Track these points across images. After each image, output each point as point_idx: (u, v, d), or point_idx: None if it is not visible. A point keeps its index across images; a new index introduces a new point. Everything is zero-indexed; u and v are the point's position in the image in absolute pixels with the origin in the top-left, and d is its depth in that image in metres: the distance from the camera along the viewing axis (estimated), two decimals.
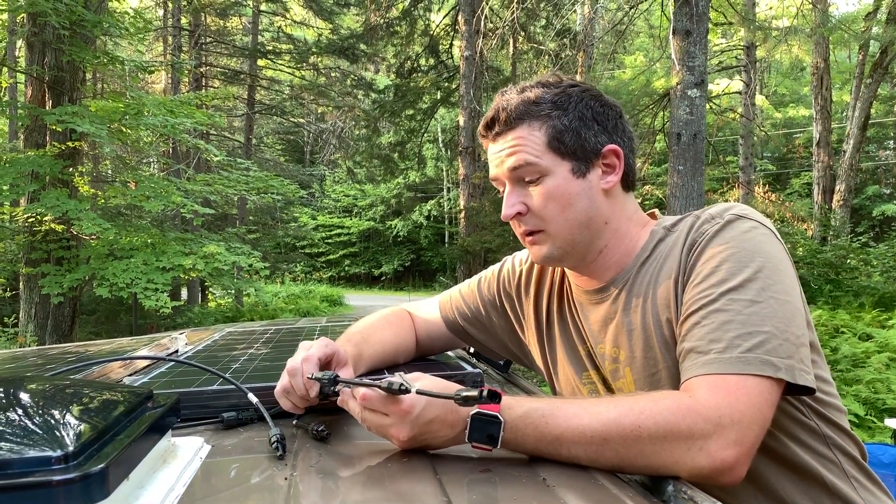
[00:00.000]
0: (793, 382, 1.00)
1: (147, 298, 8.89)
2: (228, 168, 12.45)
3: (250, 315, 16.57)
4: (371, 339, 1.38)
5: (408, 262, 32.25)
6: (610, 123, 1.24)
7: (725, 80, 17.84)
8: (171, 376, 1.35)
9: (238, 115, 20.94)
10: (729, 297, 1.05)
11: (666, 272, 1.18)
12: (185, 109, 9.93)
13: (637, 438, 0.93)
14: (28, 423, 0.77)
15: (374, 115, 17.99)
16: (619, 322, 1.23)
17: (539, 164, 1.20)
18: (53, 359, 1.92)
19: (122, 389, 0.98)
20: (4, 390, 0.90)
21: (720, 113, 12.96)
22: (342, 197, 33.29)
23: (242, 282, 12.31)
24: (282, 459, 0.95)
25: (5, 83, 12.68)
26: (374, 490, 0.88)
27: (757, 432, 0.96)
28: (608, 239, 1.24)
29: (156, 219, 13.21)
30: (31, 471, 0.63)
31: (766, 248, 1.10)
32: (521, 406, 0.98)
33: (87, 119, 8.48)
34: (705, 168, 8.25)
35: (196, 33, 18.19)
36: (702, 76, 7.41)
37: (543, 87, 1.23)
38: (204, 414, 1.17)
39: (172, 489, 0.82)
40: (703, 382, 1.00)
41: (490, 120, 1.25)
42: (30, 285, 9.68)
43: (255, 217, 21.29)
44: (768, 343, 1.00)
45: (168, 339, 2.06)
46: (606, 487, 0.87)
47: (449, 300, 1.58)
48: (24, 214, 9.16)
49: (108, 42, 12.94)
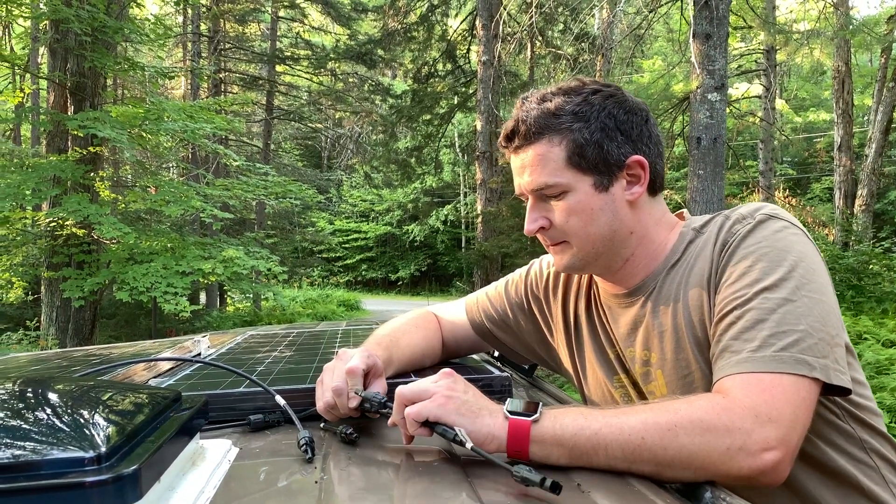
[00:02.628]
0: (828, 382, 0.97)
1: (167, 302, 8.95)
2: (247, 173, 12.53)
3: (268, 319, 16.63)
4: (400, 343, 1.36)
5: (424, 266, 32.24)
6: (635, 131, 1.21)
7: (745, 85, 17.68)
8: (197, 378, 1.35)
9: (256, 120, 21.05)
10: (763, 296, 1.03)
11: (697, 273, 1.16)
12: (205, 115, 10.02)
13: (675, 436, 0.90)
14: (59, 424, 0.76)
15: (391, 121, 18.03)
16: (648, 325, 1.21)
17: (559, 182, 1.18)
18: (78, 361, 1.92)
19: (151, 391, 0.97)
20: (35, 391, 0.90)
21: (740, 117, 12.87)
22: (359, 202, 33.35)
23: (261, 286, 12.37)
24: (311, 462, 0.94)
25: (28, 89, 12.86)
26: (406, 493, 0.87)
27: (800, 432, 0.93)
28: (634, 247, 1.23)
29: (175, 223, 13.30)
30: (63, 472, 0.63)
31: (799, 247, 1.08)
32: (562, 406, 0.99)
33: (108, 124, 8.57)
34: (725, 172, 8.18)
35: (215, 39, 18.33)
36: (722, 80, 7.35)
37: (564, 96, 1.20)
38: (231, 416, 1.17)
39: (203, 492, 0.81)
40: (736, 381, 0.97)
41: (510, 132, 1.22)
42: (51, 289, 9.78)
43: (273, 222, 21.38)
44: (803, 342, 0.98)
45: (190, 341, 2.05)
46: (643, 493, 0.85)
47: (476, 303, 1.56)
48: (46, 219, 9.26)
49: (128, 48, 13.07)
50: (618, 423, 0.92)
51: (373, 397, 1.05)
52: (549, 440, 0.92)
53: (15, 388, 0.92)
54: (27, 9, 9.55)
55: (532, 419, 0.93)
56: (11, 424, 0.76)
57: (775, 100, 17.38)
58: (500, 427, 0.94)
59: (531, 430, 0.93)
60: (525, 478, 0.81)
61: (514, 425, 0.93)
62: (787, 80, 25.45)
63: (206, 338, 2.11)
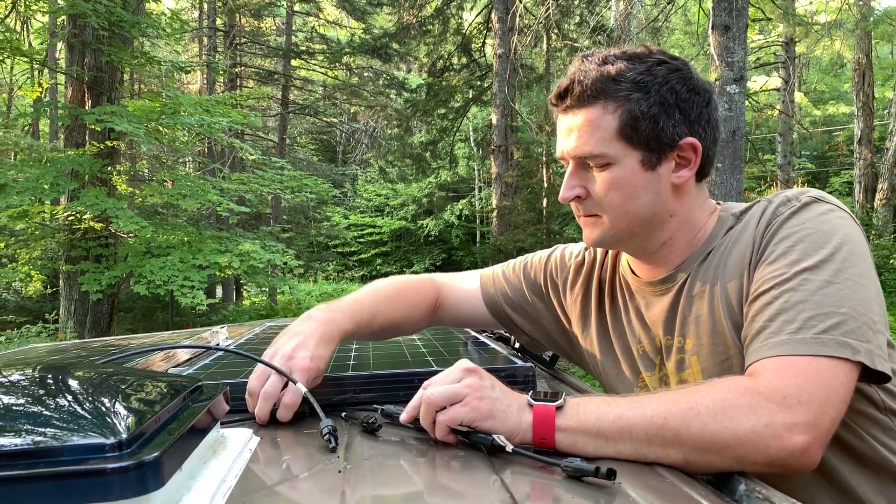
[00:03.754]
0: (871, 367, 0.94)
1: (183, 296, 8.99)
2: (263, 167, 12.55)
3: (284, 313, 16.69)
4: (376, 319, 1.32)
5: (439, 261, 32.23)
6: (694, 112, 1.14)
7: (764, 77, 17.52)
8: (216, 368, 1.34)
9: (272, 114, 21.11)
10: (804, 276, 0.99)
11: (736, 256, 1.12)
12: (221, 109, 10.04)
13: (696, 415, 0.88)
14: (80, 411, 0.75)
15: (406, 115, 17.99)
16: (685, 310, 1.17)
17: (606, 153, 1.12)
18: (97, 351, 1.92)
19: (173, 379, 0.96)
20: (56, 378, 0.89)
21: (759, 110, 12.75)
22: (374, 196, 33.38)
23: (277, 280, 12.40)
24: (334, 451, 0.92)
25: (46, 84, 12.95)
26: (431, 481, 0.85)
27: (832, 416, 0.90)
28: (674, 231, 1.18)
29: (192, 217, 13.36)
30: (85, 458, 0.61)
31: (845, 230, 1.04)
32: (583, 395, 0.97)
33: (125, 118, 8.61)
34: (744, 166, 8.10)
35: (231, 34, 18.38)
36: (741, 72, 7.27)
37: (628, 62, 1.13)
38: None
39: (224, 480, 0.79)
40: (768, 365, 0.94)
41: (564, 90, 1.15)
42: (70, 283, 9.86)
43: (288, 216, 21.45)
44: (846, 325, 0.94)
45: (209, 332, 2.05)
46: (674, 483, 0.82)
47: (491, 277, 1.51)
48: (65, 213, 9.33)
49: (145, 43, 13.13)
50: (640, 407, 0.91)
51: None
52: (574, 426, 0.90)
53: (37, 375, 0.91)
54: (45, 4, 9.62)
55: (556, 405, 0.92)
56: (33, 411, 0.75)
57: (794, 92, 17.20)
58: (526, 420, 0.92)
59: (556, 419, 0.91)
60: (578, 468, 0.79)
61: (539, 412, 0.92)
62: (806, 73, 25.16)
63: (224, 329, 2.11)
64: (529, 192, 14.94)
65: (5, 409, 0.75)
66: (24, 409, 0.75)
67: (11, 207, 9.11)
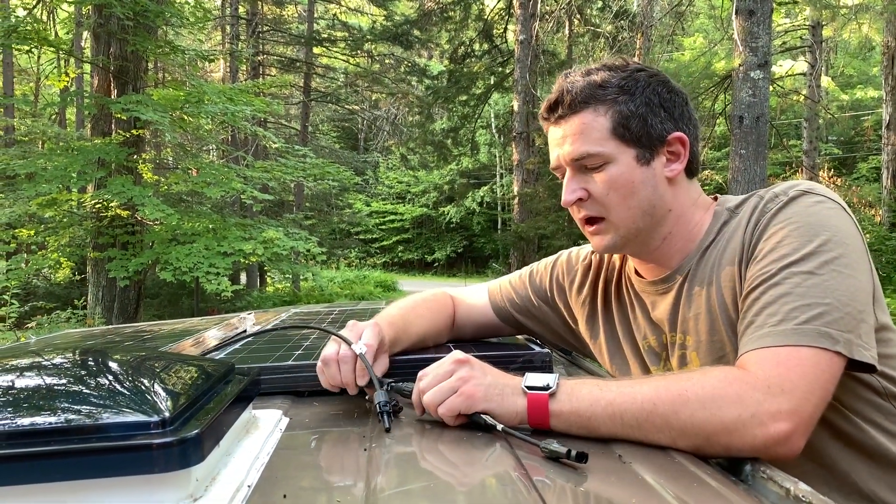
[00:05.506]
0: (850, 357, 0.97)
1: (209, 282, 9.13)
2: (286, 155, 12.65)
3: (307, 299, 16.85)
4: (410, 326, 1.36)
5: (460, 248, 32.26)
6: (676, 110, 1.22)
7: (789, 62, 17.26)
8: (246, 352, 1.39)
9: (294, 102, 21.21)
10: (789, 270, 1.03)
11: (729, 254, 1.16)
12: (244, 97, 10.11)
13: (685, 402, 0.92)
14: (125, 391, 0.80)
15: (427, 102, 17.99)
16: (684, 308, 1.22)
17: (602, 152, 1.18)
18: (129, 336, 1.99)
19: (208, 362, 1.01)
20: (101, 361, 0.94)
21: (784, 95, 12.59)
22: (395, 183, 33.45)
23: (300, 266, 12.52)
24: (388, 432, 0.97)
25: (73, 73, 13.11)
26: (456, 461, 0.90)
27: (815, 404, 0.93)
28: (672, 226, 1.23)
29: (216, 205, 13.50)
30: (131, 434, 0.67)
31: (833, 221, 1.07)
32: (578, 378, 1.03)
33: (150, 107, 8.72)
34: (768, 152, 8.03)
35: (253, 22, 18.47)
36: (765, 57, 7.21)
37: (610, 71, 1.21)
38: (280, 388, 1.21)
39: (257, 458, 0.85)
40: (753, 357, 0.98)
41: (553, 102, 1.22)
42: (97, 269, 10.03)
43: (311, 204, 21.57)
44: (828, 315, 0.97)
45: (237, 318, 2.11)
46: (684, 465, 0.86)
47: (498, 289, 1.57)
48: (92, 201, 9.48)
49: (168, 32, 13.24)
50: (631, 392, 0.95)
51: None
52: (567, 412, 0.96)
53: (82, 358, 0.97)
54: None
55: (549, 392, 0.97)
56: (82, 390, 0.81)
57: (821, 77, 16.95)
58: (521, 404, 0.98)
59: (549, 404, 0.96)
60: (553, 451, 0.84)
61: (533, 400, 0.97)
62: (833, 57, 24.75)
63: (251, 315, 2.17)
64: (551, 179, 14.87)
65: (60, 389, 0.81)
66: (73, 389, 0.81)
67: (41, 195, 9.30)
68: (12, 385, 0.80)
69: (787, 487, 0.79)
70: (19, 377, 0.84)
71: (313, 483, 0.83)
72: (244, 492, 0.74)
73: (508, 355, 1.32)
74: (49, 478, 0.64)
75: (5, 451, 0.64)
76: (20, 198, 9.80)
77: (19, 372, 0.87)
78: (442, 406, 0.98)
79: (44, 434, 0.66)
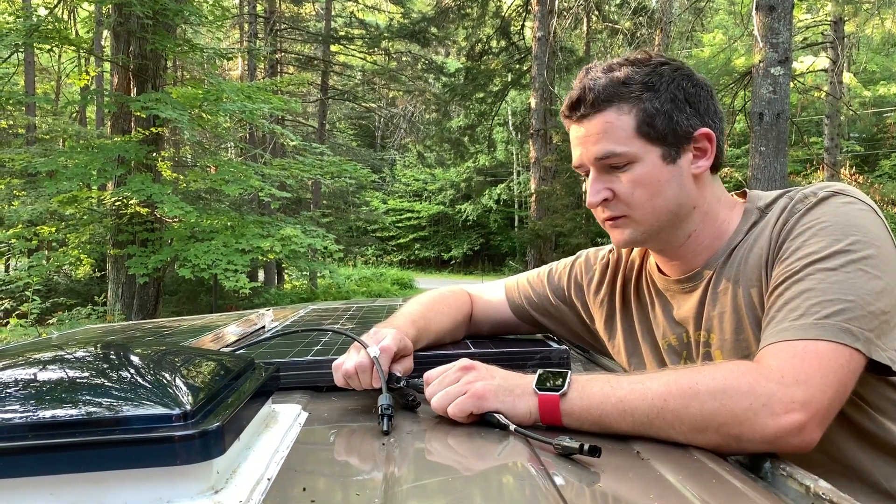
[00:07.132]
0: (868, 356, 0.96)
1: (227, 279, 9.19)
2: (304, 153, 12.70)
3: (324, 296, 16.90)
4: (431, 323, 1.37)
5: (477, 246, 32.23)
6: (702, 105, 1.19)
7: (810, 58, 17.07)
8: (265, 348, 1.40)
9: (312, 100, 21.26)
10: (814, 266, 1.02)
11: (756, 253, 1.15)
12: (262, 95, 10.17)
13: (695, 395, 0.91)
14: (147, 384, 0.81)
15: (444, 99, 18.00)
16: (710, 306, 1.20)
17: (627, 151, 1.15)
18: (149, 332, 2.01)
19: (228, 357, 1.02)
20: (123, 355, 0.96)
21: (805, 91, 12.46)
22: (412, 181, 33.47)
23: (317, 264, 12.57)
24: (387, 434, 0.97)
25: (93, 72, 13.25)
26: (471, 457, 0.91)
27: (831, 397, 0.92)
28: (697, 223, 1.21)
29: (234, 202, 13.59)
30: (153, 426, 0.67)
31: (864, 222, 1.06)
32: (590, 374, 1.02)
33: (169, 105, 8.79)
34: (788, 149, 7.96)
35: (271, 20, 18.53)
36: (786, 53, 7.14)
37: (633, 66, 1.18)
38: (299, 383, 1.22)
39: (277, 451, 0.85)
40: (771, 350, 0.98)
41: (575, 100, 1.19)
42: (117, 266, 10.13)
43: (328, 201, 21.64)
44: (850, 312, 0.96)
45: (256, 315, 2.12)
46: (702, 461, 0.86)
47: (516, 286, 1.57)
48: (112, 198, 9.57)
49: (187, 30, 13.33)
50: (641, 389, 0.95)
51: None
52: (578, 411, 0.96)
53: (104, 352, 0.98)
54: None
55: (559, 393, 0.96)
56: (104, 383, 0.82)
57: (843, 73, 16.74)
58: (533, 404, 0.98)
59: (560, 403, 0.96)
60: (566, 447, 0.84)
61: (544, 401, 0.97)
62: (855, 53, 24.43)
63: (270, 311, 2.18)
64: (568, 177, 14.85)
65: (83, 383, 0.82)
66: (96, 382, 0.82)
67: (62, 193, 9.40)
68: (36, 378, 0.82)
69: (806, 485, 0.79)
70: (43, 371, 0.85)
71: (332, 477, 0.84)
72: (264, 484, 0.75)
73: (526, 352, 1.32)
74: (73, 469, 0.65)
75: (30, 441, 0.65)
76: (41, 195, 9.93)
77: (43, 366, 0.88)
78: (452, 406, 0.98)
79: (68, 426, 0.67)
